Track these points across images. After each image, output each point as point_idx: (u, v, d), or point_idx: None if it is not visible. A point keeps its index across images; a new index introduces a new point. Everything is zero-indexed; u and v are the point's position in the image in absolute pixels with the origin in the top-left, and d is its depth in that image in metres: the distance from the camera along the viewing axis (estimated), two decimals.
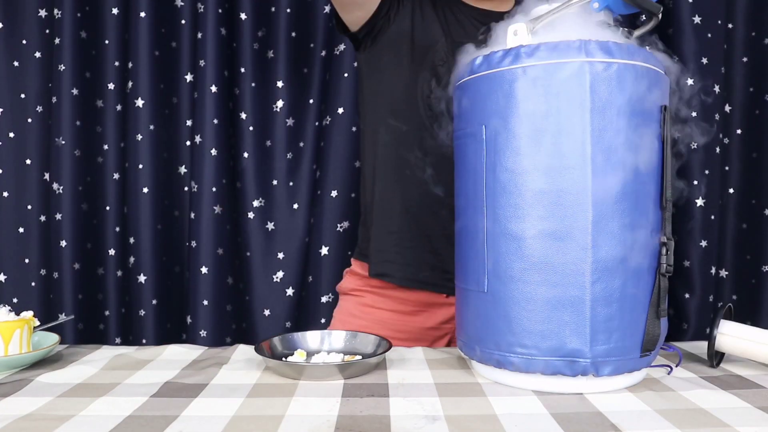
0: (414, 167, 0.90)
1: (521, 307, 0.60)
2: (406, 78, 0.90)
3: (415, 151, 0.89)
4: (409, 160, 0.90)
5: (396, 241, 0.91)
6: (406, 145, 0.90)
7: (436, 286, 0.92)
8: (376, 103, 0.94)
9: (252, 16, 1.31)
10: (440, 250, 0.90)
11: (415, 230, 0.91)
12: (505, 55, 0.61)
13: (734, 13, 1.25)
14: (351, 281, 0.99)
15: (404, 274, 0.91)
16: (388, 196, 0.92)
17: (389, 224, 0.92)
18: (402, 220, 0.91)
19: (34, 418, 0.54)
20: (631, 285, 0.59)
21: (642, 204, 0.60)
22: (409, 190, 0.91)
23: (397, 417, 0.54)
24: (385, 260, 0.92)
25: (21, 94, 1.31)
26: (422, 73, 0.88)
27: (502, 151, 0.61)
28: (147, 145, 1.29)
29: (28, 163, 1.32)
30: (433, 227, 0.90)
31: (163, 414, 0.55)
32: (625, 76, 0.59)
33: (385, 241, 0.92)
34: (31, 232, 1.32)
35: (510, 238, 0.61)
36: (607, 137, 0.58)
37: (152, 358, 0.75)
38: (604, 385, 0.61)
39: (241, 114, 1.31)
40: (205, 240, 1.27)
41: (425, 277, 0.91)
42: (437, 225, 0.90)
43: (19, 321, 0.74)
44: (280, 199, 1.33)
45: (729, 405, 0.57)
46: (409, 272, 0.91)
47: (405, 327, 0.93)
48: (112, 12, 1.29)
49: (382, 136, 0.93)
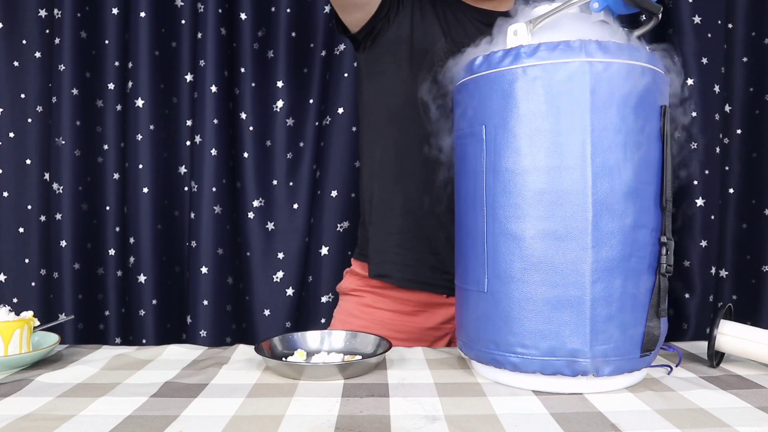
0: (413, 168, 0.90)
1: (521, 307, 0.60)
2: (406, 79, 0.89)
3: (414, 152, 0.89)
4: (408, 161, 0.90)
5: (396, 242, 0.91)
6: (406, 146, 0.90)
7: (437, 287, 0.92)
8: (376, 104, 0.94)
9: (252, 16, 1.31)
10: (440, 251, 0.90)
11: (414, 231, 0.91)
12: (505, 55, 0.61)
13: (734, 13, 1.25)
14: (351, 281, 0.99)
15: (404, 275, 0.91)
16: (387, 196, 0.92)
17: (389, 225, 0.92)
18: (402, 220, 0.91)
19: (34, 418, 0.54)
20: (631, 285, 0.59)
21: (642, 204, 0.60)
22: (408, 190, 0.91)
23: (397, 417, 0.54)
24: (384, 261, 0.92)
25: (21, 94, 1.31)
26: (422, 74, 0.88)
27: (502, 151, 0.61)
28: (147, 145, 1.29)
29: (28, 163, 1.32)
30: (433, 228, 0.90)
31: (163, 414, 0.55)
32: (625, 76, 0.59)
33: (384, 242, 0.92)
34: (31, 232, 1.32)
35: (510, 238, 0.61)
36: (607, 137, 0.58)
37: (152, 358, 0.75)
38: (604, 385, 0.61)
39: (241, 114, 1.31)
40: (205, 240, 1.27)
41: (425, 277, 0.91)
42: (437, 226, 0.89)
43: (19, 321, 0.74)
44: (280, 199, 1.33)
45: (729, 405, 0.57)
46: (409, 273, 0.91)
47: (405, 327, 0.93)
48: (112, 12, 1.29)
49: (382, 137, 0.93)
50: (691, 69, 1.17)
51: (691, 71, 1.17)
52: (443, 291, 0.92)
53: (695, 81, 1.16)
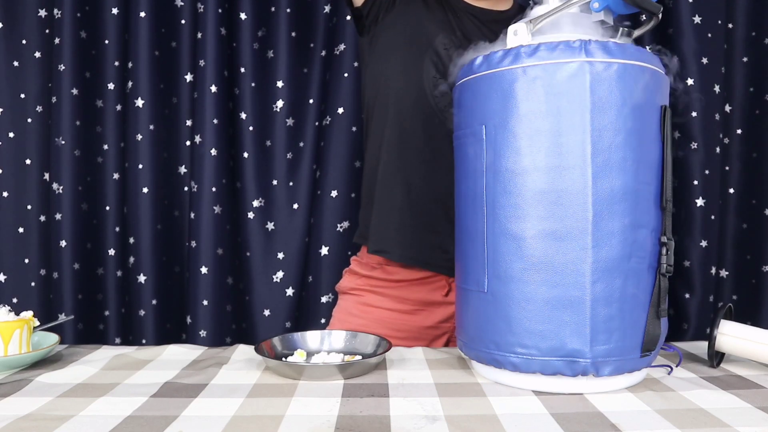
0: (416, 148, 0.90)
1: (521, 307, 0.60)
2: (408, 60, 0.91)
3: (418, 133, 0.90)
4: (411, 141, 0.91)
5: (397, 219, 0.92)
6: (410, 126, 0.91)
7: (435, 266, 0.92)
8: (380, 85, 0.94)
9: (252, 16, 1.31)
10: (440, 230, 0.90)
11: (416, 209, 0.91)
12: (505, 55, 0.61)
13: (734, 13, 1.25)
14: (350, 280, 0.99)
15: (403, 252, 0.92)
16: (390, 175, 0.93)
17: (391, 203, 0.92)
18: (404, 198, 0.92)
19: (33, 418, 0.54)
20: (631, 285, 0.59)
21: (642, 204, 0.60)
22: (411, 169, 0.91)
23: (397, 417, 0.54)
24: (384, 237, 0.93)
25: (21, 94, 1.31)
26: (424, 59, 0.89)
27: (502, 151, 0.61)
28: (147, 145, 1.29)
29: (28, 163, 1.32)
30: (435, 207, 0.91)
31: (163, 414, 0.55)
32: (625, 76, 0.59)
33: (386, 219, 0.93)
34: (31, 232, 1.32)
35: (510, 238, 0.61)
36: (607, 137, 0.58)
37: (152, 358, 0.75)
38: (604, 385, 0.61)
39: (241, 114, 1.31)
40: (205, 240, 1.27)
41: (425, 256, 0.92)
42: (439, 205, 0.90)
43: (19, 321, 0.74)
44: (280, 199, 1.33)
45: (729, 405, 0.57)
46: (408, 250, 0.91)
47: (404, 326, 0.93)
48: (112, 12, 1.29)
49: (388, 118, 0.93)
50: (691, 69, 1.17)
51: (691, 71, 1.16)
52: (442, 270, 0.92)
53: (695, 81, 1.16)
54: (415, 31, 0.91)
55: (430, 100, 0.89)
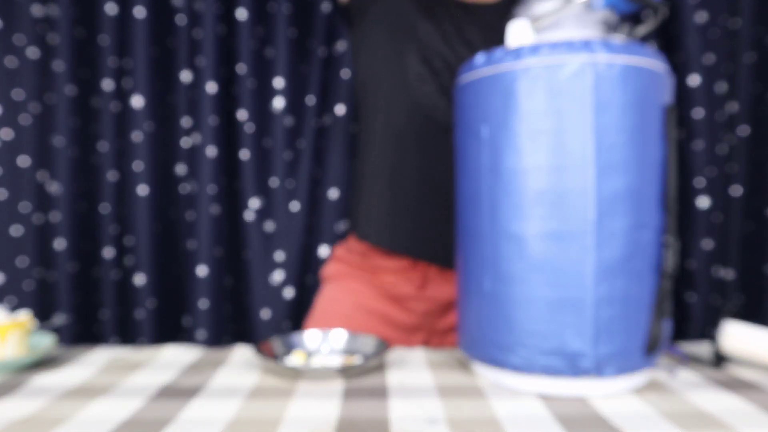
0: (401, 136, 0.92)
1: (522, 308, 0.60)
2: (394, 52, 0.92)
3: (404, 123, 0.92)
4: (399, 130, 0.92)
5: (382, 204, 0.93)
6: (397, 116, 0.92)
7: (418, 253, 0.92)
8: (370, 78, 0.97)
9: (251, 16, 1.31)
10: (426, 217, 0.90)
11: (401, 196, 0.92)
12: (507, 54, 0.61)
13: (740, 10, 1.25)
14: (334, 266, 1.03)
15: (386, 237, 0.93)
16: (379, 163, 0.94)
17: (378, 189, 0.94)
18: (389, 184, 0.93)
19: (30, 421, 0.53)
20: (634, 286, 0.59)
21: (645, 204, 0.59)
22: (399, 157, 0.92)
23: (396, 419, 0.53)
24: (369, 221, 0.95)
25: (16, 93, 1.31)
26: (408, 51, 0.90)
27: (502, 151, 0.61)
28: (144, 144, 1.28)
29: (23, 164, 1.31)
30: (420, 195, 0.91)
31: (161, 416, 0.54)
32: (628, 75, 0.58)
33: (372, 205, 0.95)
34: (27, 233, 1.32)
35: (511, 238, 0.60)
36: (609, 136, 0.58)
37: (150, 359, 0.75)
38: (607, 386, 0.60)
39: (240, 114, 1.31)
40: (204, 241, 1.26)
41: (407, 242, 0.92)
42: (425, 193, 0.90)
43: (15, 323, 0.73)
44: (279, 200, 1.32)
45: (733, 407, 0.57)
46: (392, 235, 0.92)
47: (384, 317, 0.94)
48: (109, 11, 1.29)
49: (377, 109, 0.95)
50: (696, 67, 1.16)
51: (696, 70, 1.16)
52: (424, 257, 0.92)
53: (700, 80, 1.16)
54: (399, 23, 0.92)
55: (416, 91, 0.90)
